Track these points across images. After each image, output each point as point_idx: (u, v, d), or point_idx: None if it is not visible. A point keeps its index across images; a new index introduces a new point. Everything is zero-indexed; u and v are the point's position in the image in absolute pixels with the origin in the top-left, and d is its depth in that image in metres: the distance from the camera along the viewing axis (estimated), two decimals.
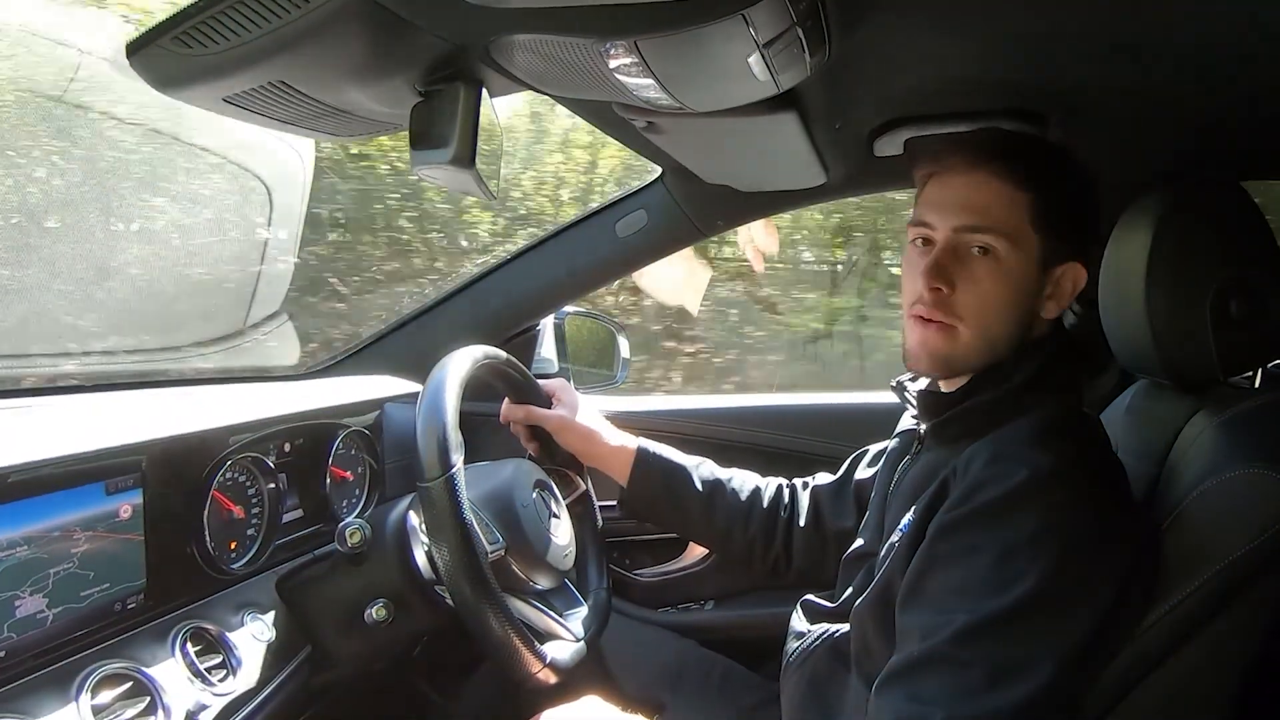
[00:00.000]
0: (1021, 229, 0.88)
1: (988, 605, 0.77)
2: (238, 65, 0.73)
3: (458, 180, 0.86)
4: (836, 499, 1.24)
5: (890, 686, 0.80)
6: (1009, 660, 0.76)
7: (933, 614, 0.80)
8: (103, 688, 0.81)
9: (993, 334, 0.89)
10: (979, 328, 0.89)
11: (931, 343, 0.90)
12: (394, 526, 1.06)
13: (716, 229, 1.54)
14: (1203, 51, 0.91)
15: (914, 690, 0.78)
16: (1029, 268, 0.88)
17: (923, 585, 0.83)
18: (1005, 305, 0.89)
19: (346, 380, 1.44)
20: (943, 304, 0.88)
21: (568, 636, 1.08)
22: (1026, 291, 0.89)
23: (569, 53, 0.74)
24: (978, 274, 0.88)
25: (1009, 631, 0.76)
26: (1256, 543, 0.80)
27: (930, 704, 0.76)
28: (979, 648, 0.76)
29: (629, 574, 1.56)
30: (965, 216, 0.88)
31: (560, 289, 1.54)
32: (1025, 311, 0.90)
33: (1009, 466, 0.82)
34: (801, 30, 0.70)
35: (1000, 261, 0.88)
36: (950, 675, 0.77)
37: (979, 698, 0.75)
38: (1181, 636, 0.82)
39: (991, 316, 0.89)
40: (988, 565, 0.78)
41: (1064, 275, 0.90)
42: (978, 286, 0.88)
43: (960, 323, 0.89)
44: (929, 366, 0.92)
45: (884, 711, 0.80)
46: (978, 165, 0.89)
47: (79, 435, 0.86)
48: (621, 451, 1.25)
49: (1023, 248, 0.88)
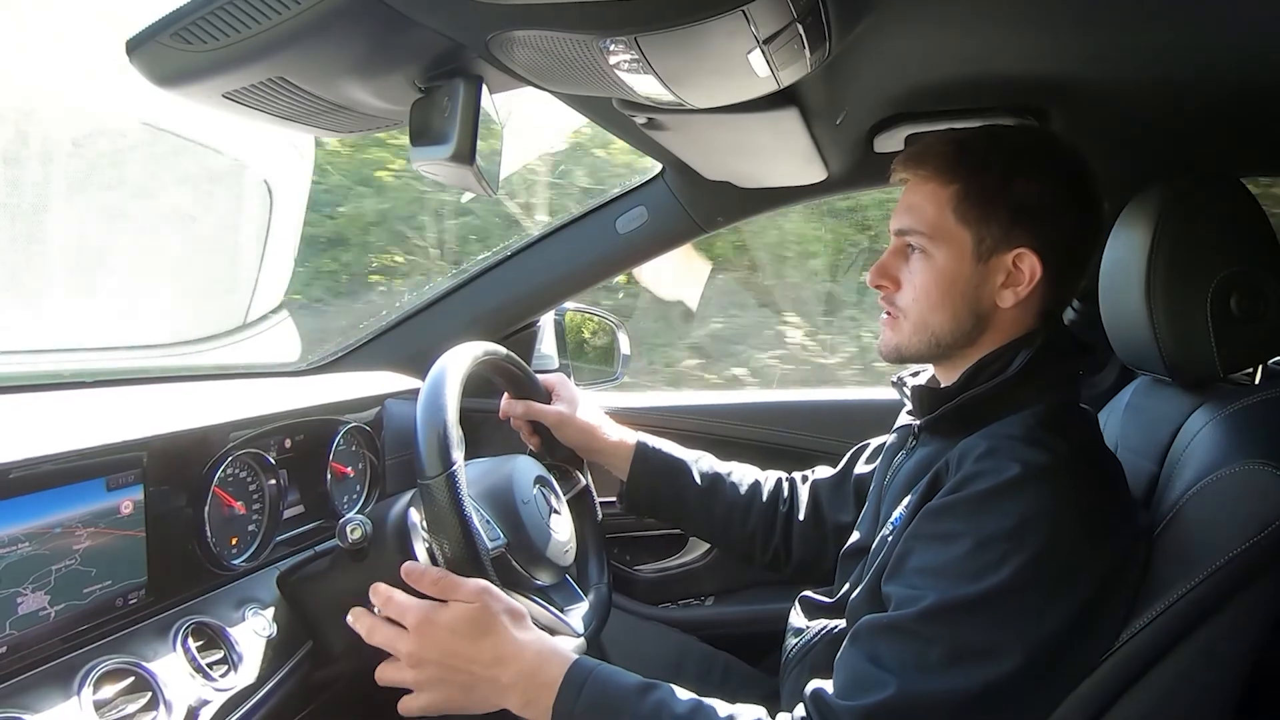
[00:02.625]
0: (945, 225, 0.91)
1: (959, 589, 0.79)
2: (237, 61, 0.73)
3: (457, 176, 0.86)
4: (836, 493, 1.24)
5: (856, 643, 0.84)
6: (971, 644, 0.78)
7: (906, 589, 0.83)
8: (104, 683, 0.82)
9: (931, 324, 0.94)
10: (916, 319, 0.94)
11: (883, 334, 0.99)
12: (395, 523, 1.06)
13: (716, 225, 1.54)
14: (1203, 49, 0.91)
15: (875, 654, 0.81)
16: (961, 261, 0.92)
17: (902, 563, 0.86)
18: (939, 297, 0.93)
19: (347, 376, 1.44)
20: (888, 299, 0.97)
21: (568, 632, 1.08)
22: (963, 283, 0.92)
23: (569, 49, 0.74)
24: (912, 270, 0.94)
25: (975, 617, 0.78)
26: (1256, 539, 0.80)
27: (886, 671, 0.79)
28: (944, 627, 0.79)
29: (630, 569, 1.57)
30: (901, 219, 0.95)
31: (560, 285, 1.54)
32: (967, 301, 0.92)
33: (1001, 461, 0.83)
34: (802, 26, 0.70)
35: (929, 258, 0.93)
36: (911, 648, 0.79)
37: (935, 675, 0.77)
38: (1180, 632, 0.82)
39: (925, 309, 0.93)
40: (965, 552, 0.80)
41: (1017, 261, 0.91)
42: (912, 282, 0.94)
43: (902, 315, 0.95)
44: (884, 354, 0.99)
45: (845, 665, 0.83)
46: (916, 168, 0.94)
47: (80, 431, 0.86)
48: (621, 446, 1.26)
49: (951, 243, 0.92)
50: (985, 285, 0.92)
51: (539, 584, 1.11)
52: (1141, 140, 1.21)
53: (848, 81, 0.99)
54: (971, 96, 1.10)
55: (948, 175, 0.91)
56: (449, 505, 0.93)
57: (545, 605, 1.09)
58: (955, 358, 0.95)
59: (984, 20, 0.88)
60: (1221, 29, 0.86)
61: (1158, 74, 0.98)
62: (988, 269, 0.91)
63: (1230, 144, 1.24)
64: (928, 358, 0.98)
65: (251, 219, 1.66)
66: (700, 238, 1.56)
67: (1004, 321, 0.93)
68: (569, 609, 1.14)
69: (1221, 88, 1.01)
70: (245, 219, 1.70)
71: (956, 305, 0.92)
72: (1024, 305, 0.92)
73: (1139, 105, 1.09)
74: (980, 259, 0.91)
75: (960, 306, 0.92)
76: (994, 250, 0.91)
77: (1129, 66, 0.97)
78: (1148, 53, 0.93)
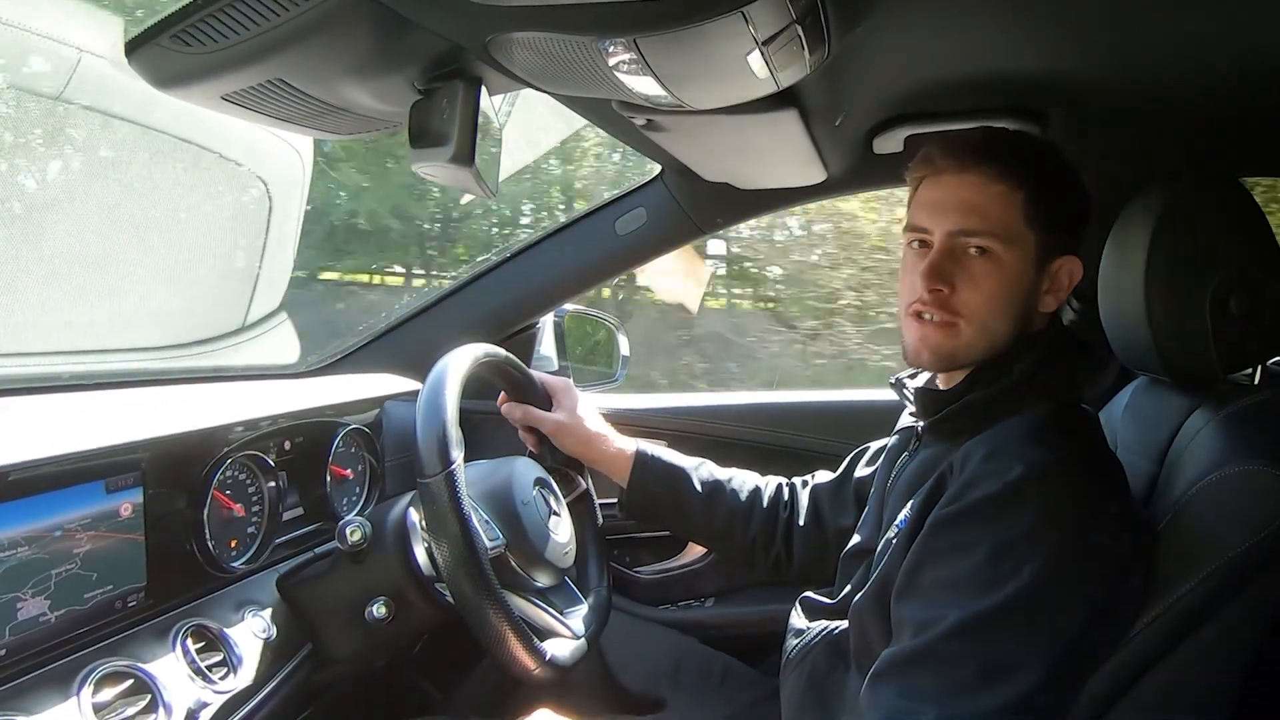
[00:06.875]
0: (1016, 227, 0.89)
1: (980, 602, 0.77)
2: (237, 63, 0.73)
3: (457, 177, 0.86)
4: (836, 497, 1.24)
5: (883, 681, 0.81)
6: (1001, 658, 0.76)
7: (925, 608, 0.81)
8: (103, 686, 0.82)
9: (992, 329, 0.91)
10: (979, 324, 0.90)
11: (932, 339, 0.91)
12: (394, 524, 1.06)
13: (716, 226, 1.54)
14: (1202, 50, 0.91)
15: (906, 686, 0.79)
16: (1026, 265, 0.90)
17: (917, 579, 0.83)
18: (1004, 302, 0.90)
19: (346, 378, 1.43)
20: (943, 304, 0.90)
21: (567, 634, 1.08)
22: (1025, 287, 0.91)
23: (568, 50, 0.74)
24: (976, 273, 0.89)
25: (1001, 629, 0.77)
26: (1255, 540, 0.80)
27: (922, 701, 0.77)
28: (971, 645, 0.77)
29: (629, 571, 1.57)
30: (960, 220, 0.90)
31: (560, 287, 1.54)
32: (1024, 306, 0.91)
33: (1005, 463, 0.82)
34: (801, 28, 0.70)
35: (997, 260, 0.89)
36: (942, 673, 0.77)
37: (971, 696, 0.75)
38: (1180, 633, 0.82)
39: (991, 313, 0.90)
40: (981, 562, 0.79)
41: (1061, 269, 0.92)
42: (977, 285, 0.90)
43: (961, 319, 0.90)
44: (931, 362, 0.94)
45: (876, 706, 0.80)
46: (969, 167, 0.90)
47: (79, 434, 0.86)
48: (620, 455, 1.25)
49: (1019, 246, 0.89)
50: (1037, 290, 0.91)
51: (538, 585, 1.11)
52: (1140, 141, 1.21)
53: (847, 83, 0.99)
54: (971, 98, 1.10)
55: (1018, 177, 0.89)
56: (448, 505, 0.93)
57: (544, 607, 1.09)
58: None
59: (983, 22, 0.89)
60: (1220, 30, 0.86)
61: (1157, 75, 0.98)
62: (1043, 275, 0.91)
63: (1229, 144, 1.24)
64: (977, 363, 0.93)
65: (251, 220, 1.66)
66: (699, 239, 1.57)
67: (1034, 326, 0.93)
68: (569, 611, 1.14)
69: (1220, 88, 1.01)
70: (244, 220, 1.70)
71: (1017, 310, 0.91)
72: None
73: (1138, 106, 1.09)
74: (1040, 265, 0.90)
75: (1019, 311, 0.91)
76: (1051, 256, 0.91)
77: (1128, 68, 0.97)
78: (1147, 54, 0.93)
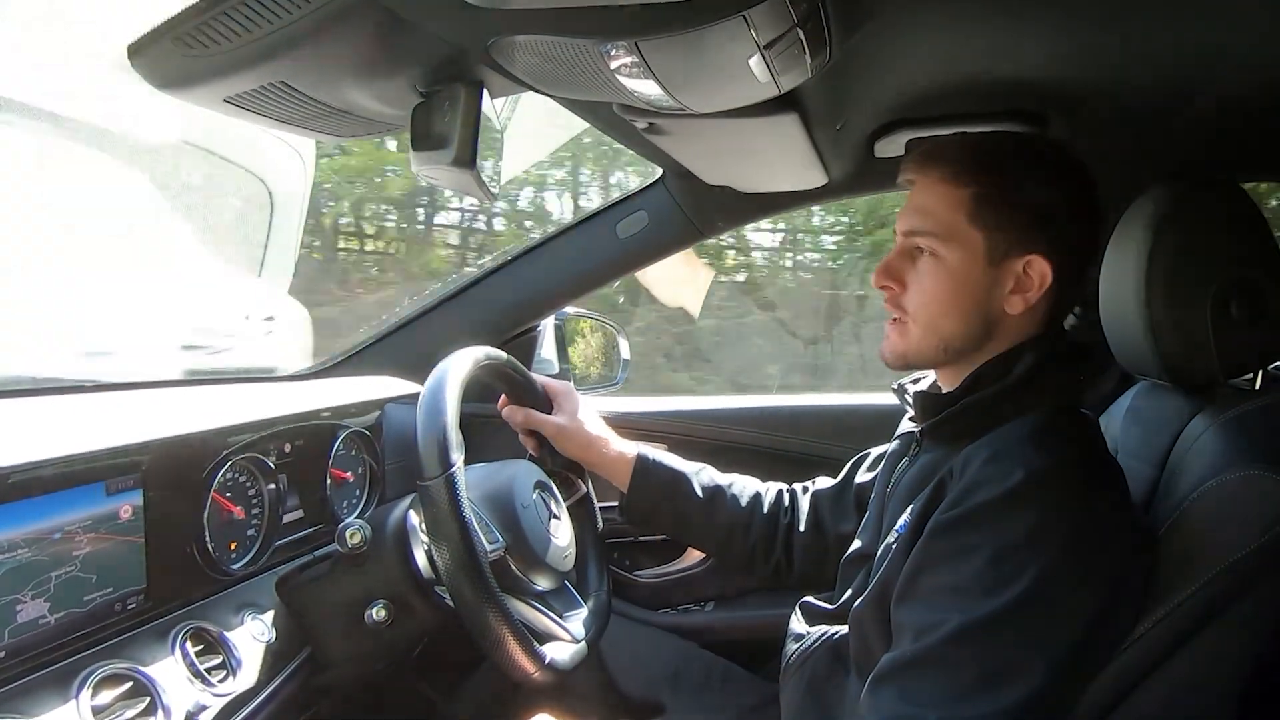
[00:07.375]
0: (959, 227, 0.90)
1: (982, 606, 0.77)
2: (239, 66, 0.73)
3: (458, 180, 0.86)
4: (837, 503, 1.23)
5: (883, 685, 0.81)
6: (1001, 663, 0.76)
7: (926, 612, 0.81)
8: (103, 688, 0.82)
9: (940, 328, 0.92)
10: (925, 322, 0.93)
11: (890, 338, 0.96)
12: (394, 527, 1.06)
13: (717, 230, 1.54)
14: (1202, 53, 0.91)
15: (906, 690, 0.79)
16: (971, 264, 0.90)
17: (917, 583, 0.83)
18: (950, 301, 0.91)
19: (347, 381, 1.43)
20: (894, 302, 0.95)
21: (567, 637, 1.07)
22: (974, 287, 0.91)
23: (570, 53, 0.74)
24: (921, 273, 0.93)
25: (1002, 634, 0.77)
26: (1257, 544, 0.80)
27: (923, 705, 0.77)
28: (972, 649, 0.77)
29: (629, 575, 1.56)
30: (910, 220, 0.93)
31: (561, 290, 1.54)
32: (978, 306, 0.91)
33: (1006, 467, 0.82)
34: (802, 32, 0.70)
35: (940, 260, 0.91)
36: (943, 676, 0.77)
37: (972, 700, 0.75)
38: (1182, 638, 0.82)
39: (936, 312, 0.92)
40: (982, 565, 0.79)
41: (1027, 268, 0.90)
42: (920, 284, 0.93)
43: (909, 318, 0.94)
44: (890, 361, 0.97)
45: (877, 710, 0.80)
46: (926, 169, 0.93)
47: (79, 435, 0.86)
48: (621, 459, 1.25)
49: (963, 245, 0.90)
50: (995, 290, 0.91)
51: (538, 589, 1.10)
52: (1141, 145, 1.21)
53: (848, 87, 0.99)
54: (972, 101, 1.10)
55: (963, 178, 0.90)
56: (448, 507, 0.93)
57: (544, 610, 1.09)
58: (959, 363, 0.94)
59: (984, 26, 0.89)
60: (1220, 33, 0.86)
61: (1157, 79, 0.98)
62: (998, 274, 0.90)
63: (1230, 148, 1.24)
64: (934, 363, 0.96)
65: (253, 222, 1.67)
66: (700, 242, 1.57)
67: (1010, 327, 0.92)
68: (568, 614, 1.14)
69: (1221, 92, 1.01)
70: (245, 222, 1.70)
71: (966, 309, 0.91)
72: (1030, 311, 0.92)
73: (1138, 110, 1.09)
74: (992, 263, 0.90)
75: (970, 311, 0.91)
76: (1006, 255, 0.90)
77: (1128, 71, 0.97)
78: (1147, 58, 0.93)
